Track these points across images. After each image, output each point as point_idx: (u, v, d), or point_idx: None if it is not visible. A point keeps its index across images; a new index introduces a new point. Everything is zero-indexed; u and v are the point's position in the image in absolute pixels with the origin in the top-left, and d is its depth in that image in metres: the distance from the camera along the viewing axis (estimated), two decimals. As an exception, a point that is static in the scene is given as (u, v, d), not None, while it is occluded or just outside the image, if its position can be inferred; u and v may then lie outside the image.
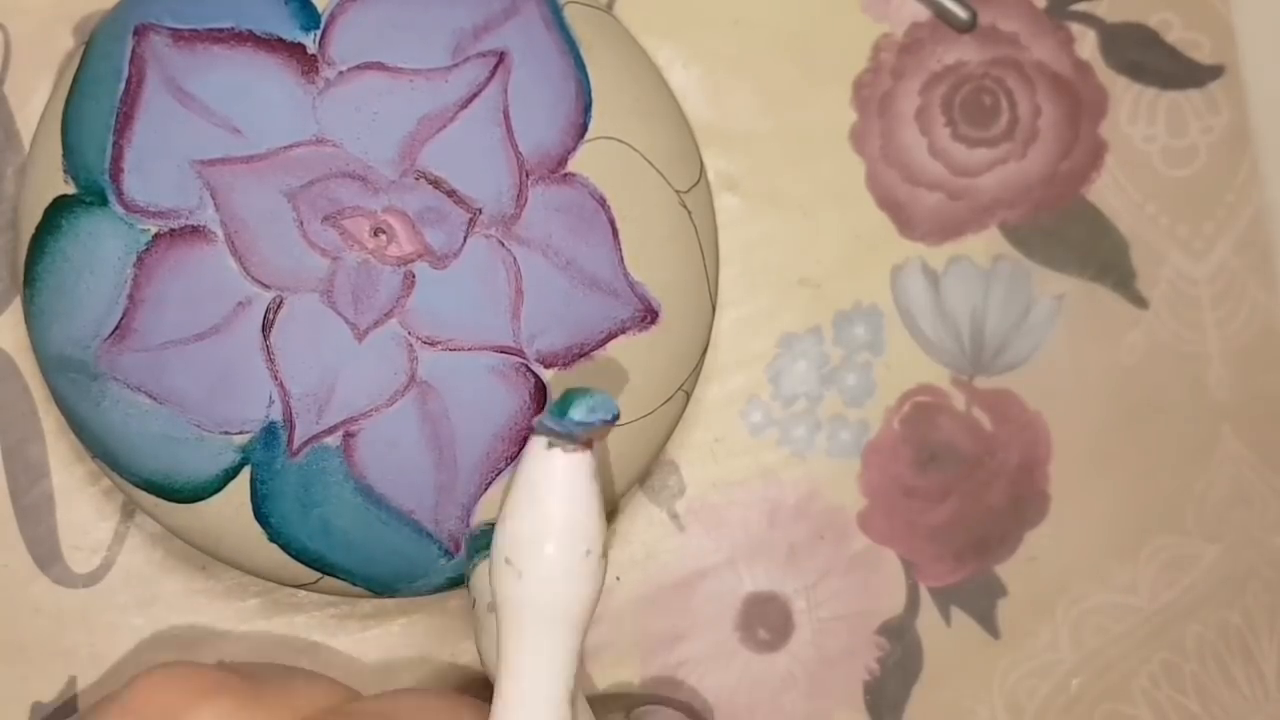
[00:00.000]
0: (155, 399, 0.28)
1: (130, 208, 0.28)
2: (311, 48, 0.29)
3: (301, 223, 0.28)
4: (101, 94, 0.29)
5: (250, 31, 0.29)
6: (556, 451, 0.23)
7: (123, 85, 0.29)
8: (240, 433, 0.28)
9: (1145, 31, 0.34)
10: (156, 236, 0.28)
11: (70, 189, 0.29)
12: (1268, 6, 0.35)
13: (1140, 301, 0.34)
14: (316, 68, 0.29)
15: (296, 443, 0.28)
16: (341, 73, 0.29)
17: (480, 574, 0.29)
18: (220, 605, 0.32)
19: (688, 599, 0.33)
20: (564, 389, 0.23)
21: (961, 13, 0.33)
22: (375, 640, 0.32)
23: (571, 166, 0.29)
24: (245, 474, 0.29)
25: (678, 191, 0.30)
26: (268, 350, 0.28)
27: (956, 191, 0.34)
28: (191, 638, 0.32)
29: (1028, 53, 0.34)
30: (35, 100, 0.32)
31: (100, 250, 0.28)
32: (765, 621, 0.33)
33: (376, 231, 0.29)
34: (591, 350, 0.29)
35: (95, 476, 0.32)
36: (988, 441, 0.33)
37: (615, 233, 0.29)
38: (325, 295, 0.28)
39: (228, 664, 0.23)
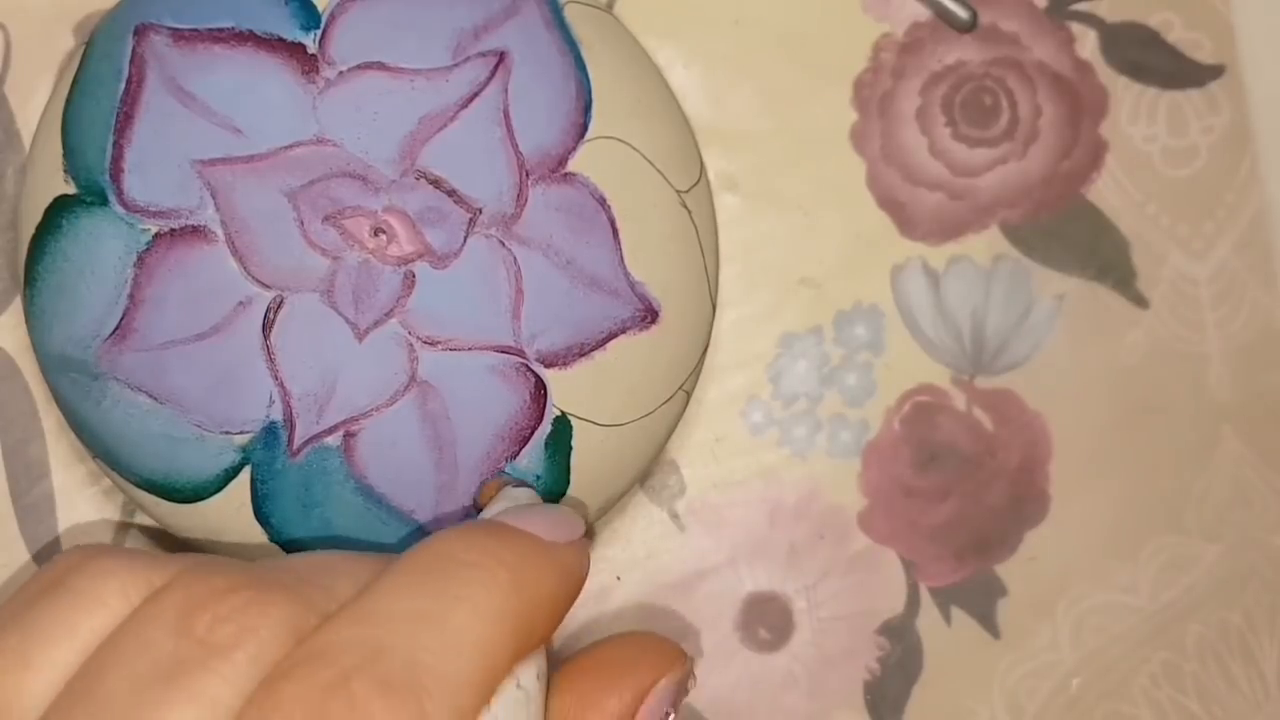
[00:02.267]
0: (156, 399, 0.28)
1: (130, 208, 0.28)
2: (312, 47, 0.29)
3: (302, 222, 0.28)
4: (102, 94, 0.29)
5: (250, 31, 0.29)
6: None
7: (123, 85, 0.29)
8: (241, 432, 0.28)
9: (1146, 31, 0.34)
10: (157, 236, 0.28)
11: (70, 189, 0.29)
12: (1268, 6, 0.35)
13: (1141, 301, 0.34)
14: (317, 67, 0.29)
15: (297, 442, 0.28)
16: (342, 72, 0.29)
17: None
18: (220, 605, 0.32)
19: (688, 599, 0.33)
20: None
21: (962, 13, 0.33)
22: (375, 640, 0.32)
23: (572, 166, 0.29)
24: (246, 474, 0.29)
25: (678, 191, 0.30)
26: (268, 350, 0.28)
27: (957, 191, 0.34)
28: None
29: (1028, 53, 0.34)
30: (35, 100, 0.32)
31: (100, 250, 0.28)
32: (765, 621, 0.33)
33: (377, 231, 0.29)
34: (592, 350, 0.29)
35: (95, 476, 0.32)
36: (988, 441, 0.33)
37: (615, 233, 0.29)
38: (325, 295, 0.28)
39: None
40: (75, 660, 0.21)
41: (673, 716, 0.25)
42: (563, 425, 0.29)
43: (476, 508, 0.29)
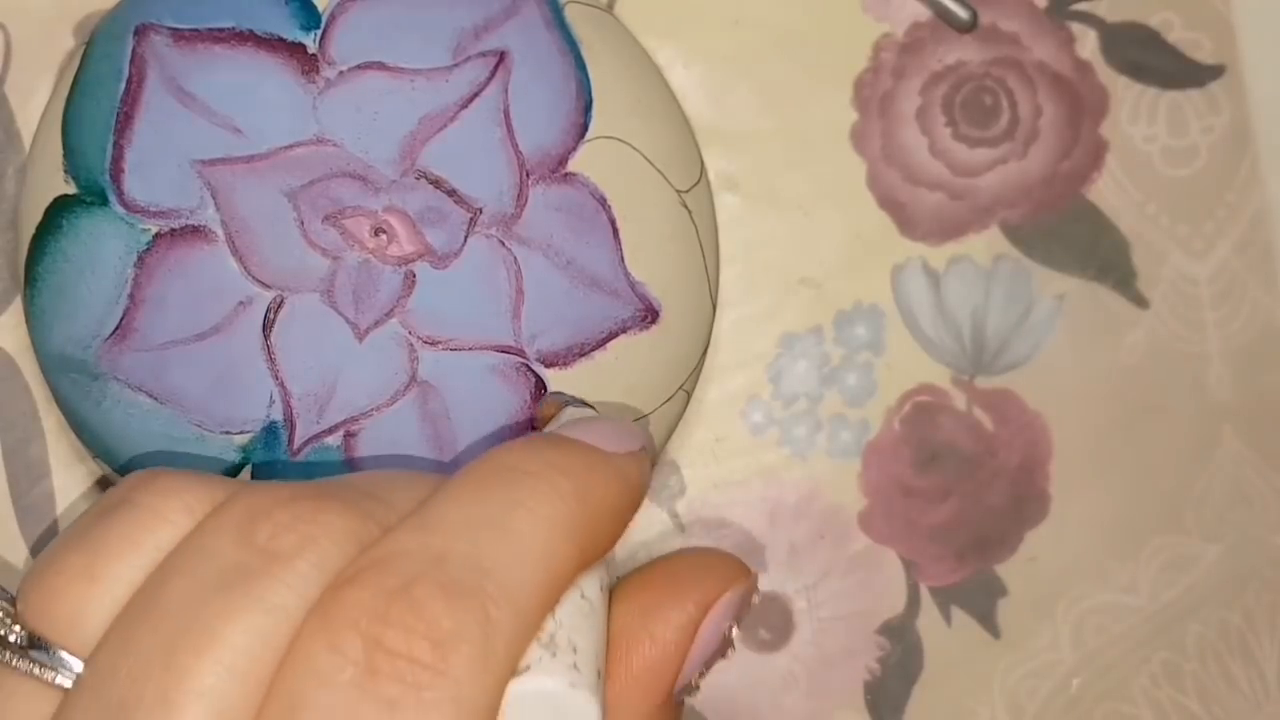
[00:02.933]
0: (156, 399, 0.28)
1: (131, 207, 0.28)
2: (312, 47, 0.29)
3: (302, 222, 0.28)
4: (102, 94, 0.29)
5: (251, 31, 0.29)
6: None
7: (123, 85, 0.29)
8: (241, 432, 0.28)
9: (1146, 31, 0.34)
10: (157, 236, 0.28)
11: (71, 189, 0.29)
12: (1268, 6, 0.35)
13: (1141, 301, 0.34)
14: (317, 67, 0.29)
15: (297, 442, 0.28)
16: (342, 72, 0.29)
17: None
18: (220, 605, 0.32)
19: (688, 599, 0.33)
20: None
21: (962, 13, 0.33)
22: (375, 640, 0.32)
23: (572, 166, 0.29)
24: (246, 474, 0.29)
25: (678, 191, 0.30)
26: (268, 350, 0.28)
27: (957, 191, 0.34)
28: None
29: (1028, 53, 0.34)
30: (35, 100, 0.32)
31: (101, 250, 0.28)
32: (765, 621, 0.33)
33: (377, 231, 0.29)
34: (592, 350, 0.29)
35: (95, 476, 0.32)
36: (988, 441, 0.33)
37: (616, 232, 0.29)
38: (326, 295, 0.28)
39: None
40: (139, 576, 0.21)
41: (736, 630, 0.25)
42: (563, 425, 0.29)
43: (533, 426, 0.29)
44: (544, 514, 0.21)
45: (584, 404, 0.29)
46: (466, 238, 0.29)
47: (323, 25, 0.29)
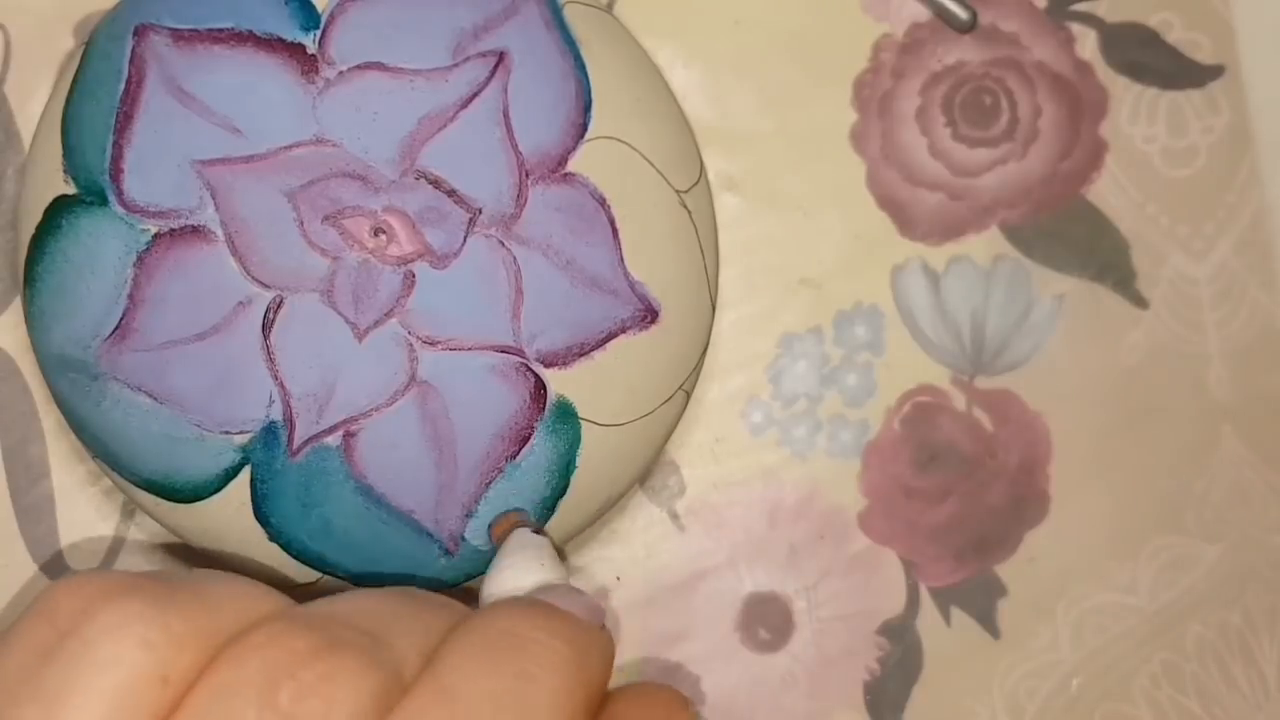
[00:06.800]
0: (156, 399, 0.28)
1: (130, 208, 0.28)
2: (311, 48, 0.29)
3: (302, 222, 0.28)
4: (101, 94, 0.29)
5: (250, 31, 0.29)
6: None
7: (123, 85, 0.29)
8: (240, 432, 0.28)
9: (1146, 31, 0.34)
10: (157, 236, 0.28)
11: (70, 189, 0.29)
12: (1268, 6, 0.35)
13: (1140, 301, 0.34)
14: (316, 68, 0.29)
15: (297, 442, 0.28)
16: (341, 72, 0.29)
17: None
18: (220, 605, 0.32)
19: (688, 599, 0.33)
20: None
21: (962, 13, 0.33)
22: (375, 640, 0.32)
23: (571, 166, 0.29)
24: (245, 474, 0.29)
25: (678, 191, 0.30)
26: (268, 350, 0.28)
27: (957, 191, 0.34)
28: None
29: (1028, 53, 0.34)
30: (35, 100, 0.32)
31: (100, 250, 0.28)
32: (765, 621, 0.33)
33: (377, 231, 0.29)
34: (591, 350, 0.29)
35: (95, 476, 0.32)
36: (988, 442, 0.33)
37: (615, 232, 0.29)
38: (325, 295, 0.28)
39: (152, 572, 0.23)
40: None
41: None
42: (563, 424, 0.29)
43: (493, 538, 0.29)
44: (551, 685, 0.22)
45: (539, 527, 0.29)
46: (466, 238, 0.29)
47: (322, 25, 0.29)
